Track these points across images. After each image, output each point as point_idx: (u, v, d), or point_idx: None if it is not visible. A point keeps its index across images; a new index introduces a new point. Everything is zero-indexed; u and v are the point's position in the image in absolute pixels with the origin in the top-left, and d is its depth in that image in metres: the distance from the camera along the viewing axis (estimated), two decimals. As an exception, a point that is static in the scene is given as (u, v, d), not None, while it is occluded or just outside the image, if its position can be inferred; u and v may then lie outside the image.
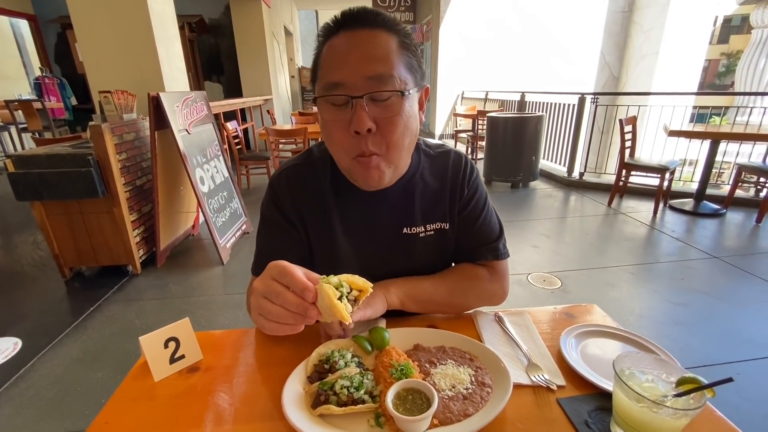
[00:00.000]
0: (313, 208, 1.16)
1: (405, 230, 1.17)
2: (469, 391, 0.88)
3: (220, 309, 3.44)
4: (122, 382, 0.97)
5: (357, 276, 0.81)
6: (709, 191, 5.77)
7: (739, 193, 5.81)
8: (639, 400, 0.73)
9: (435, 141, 1.24)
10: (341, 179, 1.09)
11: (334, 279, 0.77)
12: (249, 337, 1.14)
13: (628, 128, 5.59)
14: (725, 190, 6.17)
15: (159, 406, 0.91)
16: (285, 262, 0.77)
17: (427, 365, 0.96)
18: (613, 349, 1.06)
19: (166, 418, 0.87)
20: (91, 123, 3.47)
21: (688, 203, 5.76)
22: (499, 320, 1.17)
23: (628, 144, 5.66)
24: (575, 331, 1.10)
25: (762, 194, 5.75)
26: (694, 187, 6.02)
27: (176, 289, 3.73)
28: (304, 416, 0.82)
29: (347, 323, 0.72)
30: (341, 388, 0.85)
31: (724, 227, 5.23)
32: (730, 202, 5.67)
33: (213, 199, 4.22)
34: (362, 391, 0.85)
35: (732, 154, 6.59)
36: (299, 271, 0.76)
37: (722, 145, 5.58)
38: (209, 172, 4.24)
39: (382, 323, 1.10)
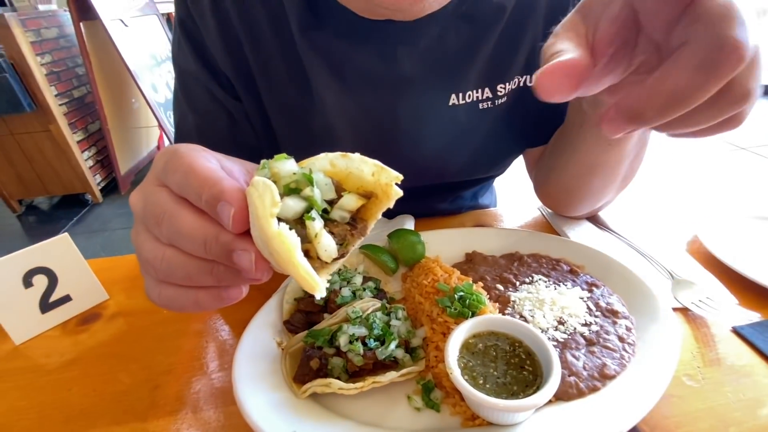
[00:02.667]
0: (270, 49, 0.61)
1: (453, 99, 0.64)
2: (594, 328, 0.46)
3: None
4: (-48, 351, 0.55)
5: (359, 156, 0.30)
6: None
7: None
8: None
9: None
10: None
11: (288, 166, 0.28)
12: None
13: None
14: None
15: (20, 388, 0.49)
16: (186, 145, 0.32)
17: (500, 287, 0.54)
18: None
19: (33, 410, 0.46)
20: (-9, 13, 2.68)
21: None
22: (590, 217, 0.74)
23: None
24: (720, 219, 0.68)
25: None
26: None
27: (145, 217, 3.28)
28: (279, 401, 0.41)
29: (315, 293, 0.27)
30: (351, 343, 0.42)
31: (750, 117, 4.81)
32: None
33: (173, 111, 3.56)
34: (392, 345, 0.43)
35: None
36: (207, 160, 0.30)
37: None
38: (163, 78, 3.52)
39: (410, 223, 0.66)
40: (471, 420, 0.39)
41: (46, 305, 0.57)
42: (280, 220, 0.26)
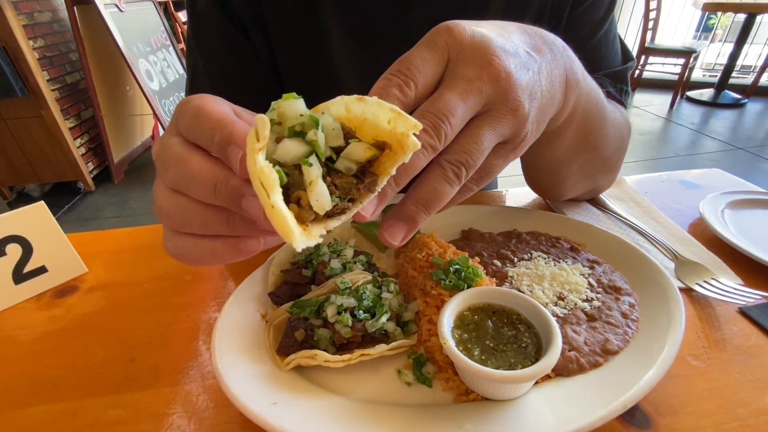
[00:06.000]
0: None
1: None
2: (595, 304, 0.44)
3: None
4: None
5: (376, 100, 0.26)
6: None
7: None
8: None
9: None
10: None
11: (295, 106, 0.25)
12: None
13: (653, 4, 4.79)
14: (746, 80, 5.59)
15: (-15, 361, 0.47)
16: (200, 95, 0.31)
17: (498, 263, 0.51)
18: (803, 223, 0.62)
19: (5, 385, 0.43)
20: (-17, -6, 2.62)
21: (706, 94, 5.24)
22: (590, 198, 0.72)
23: (650, 25, 4.89)
24: (723, 201, 0.66)
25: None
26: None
27: (139, 206, 3.23)
28: (260, 374, 0.38)
29: (292, 242, 0.23)
30: (338, 314, 0.40)
31: (745, 117, 4.82)
32: (753, 90, 5.14)
33: (168, 99, 3.51)
34: (383, 318, 0.41)
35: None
36: (218, 104, 0.30)
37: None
38: (157, 65, 3.47)
39: (404, 199, 0.64)
40: (464, 395, 0.36)
41: (19, 276, 0.54)
42: (279, 164, 0.23)
